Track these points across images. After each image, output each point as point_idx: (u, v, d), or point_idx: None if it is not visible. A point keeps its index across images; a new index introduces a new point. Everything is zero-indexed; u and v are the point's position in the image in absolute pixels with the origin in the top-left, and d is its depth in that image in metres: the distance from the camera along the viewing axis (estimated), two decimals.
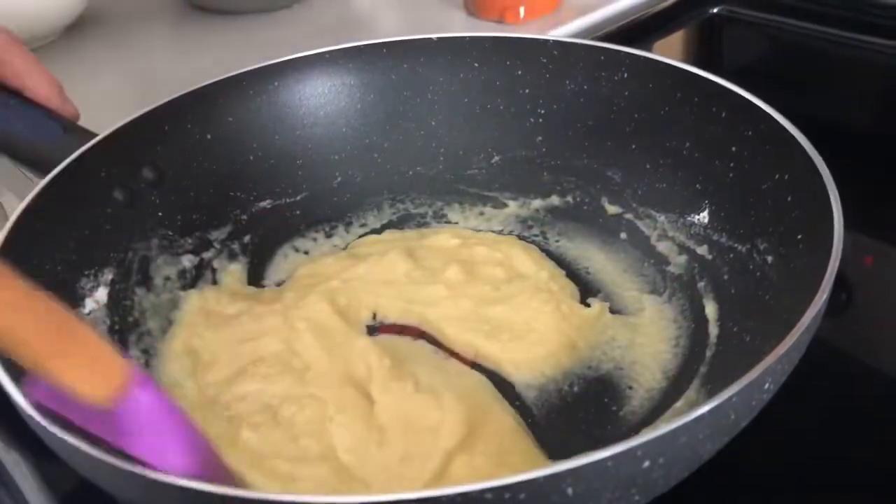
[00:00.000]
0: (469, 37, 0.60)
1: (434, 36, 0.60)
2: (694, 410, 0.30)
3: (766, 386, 0.33)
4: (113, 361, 0.29)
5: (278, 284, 0.56)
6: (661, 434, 0.29)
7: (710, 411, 0.30)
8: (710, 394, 0.39)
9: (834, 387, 0.47)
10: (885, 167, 0.65)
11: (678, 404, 0.44)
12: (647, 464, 0.30)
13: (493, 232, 0.60)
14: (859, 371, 0.49)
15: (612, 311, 0.52)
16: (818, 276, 0.37)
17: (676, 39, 0.84)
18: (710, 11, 0.86)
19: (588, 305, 0.53)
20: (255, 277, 0.57)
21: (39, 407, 0.30)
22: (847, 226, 0.39)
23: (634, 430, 0.44)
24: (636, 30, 0.82)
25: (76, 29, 0.86)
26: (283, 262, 0.58)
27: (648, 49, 0.81)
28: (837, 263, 0.36)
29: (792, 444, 0.44)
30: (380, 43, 0.60)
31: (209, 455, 0.33)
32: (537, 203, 0.60)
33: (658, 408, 0.45)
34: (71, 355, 0.28)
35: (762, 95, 0.49)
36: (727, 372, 0.44)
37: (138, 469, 0.29)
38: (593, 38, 0.79)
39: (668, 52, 0.84)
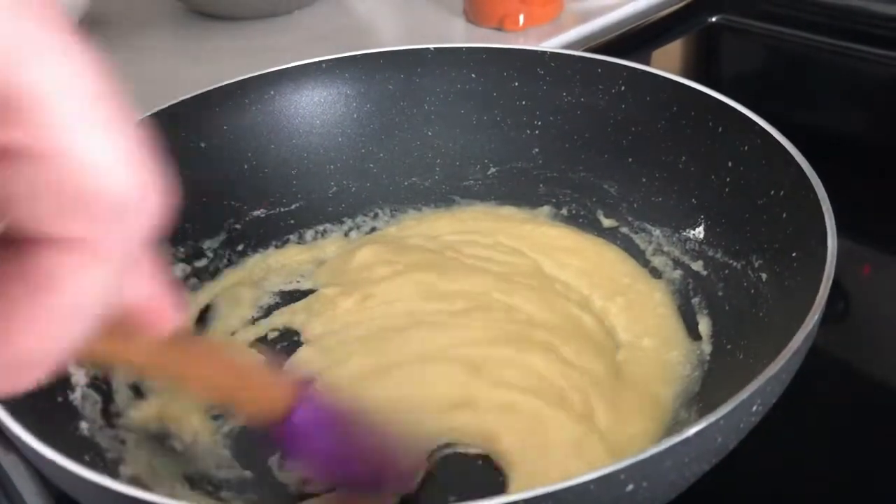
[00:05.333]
0: (466, 47, 0.60)
1: (431, 46, 0.60)
2: (679, 433, 0.30)
3: (755, 408, 0.33)
4: (278, 388, 0.34)
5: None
6: (644, 457, 0.29)
7: (695, 434, 0.30)
8: (701, 413, 0.38)
9: (833, 394, 0.47)
10: (885, 176, 0.64)
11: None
12: (630, 487, 0.30)
13: None
14: (858, 378, 0.49)
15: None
16: (810, 297, 0.36)
17: (675, 48, 0.84)
18: (709, 21, 0.86)
19: None
20: None
21: None
22: (846, 235, 0.39)
23: None
24: (635, 38, 0.82)
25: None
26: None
27: (647, 57, 0.81)
28: (829, 285, 0.36)
29: (791, 453, 0.44)
30: (376, 53, 0.60)
31: (366, 461, 0.37)
32: None
33: None
34: (247, 389, 0.33)
35: (759, 105, 0.49)
36: (719, 391, 0.44)
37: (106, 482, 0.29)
38: (592, 47, 0.79)
39: (667, 61, 0.83)
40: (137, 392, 0.47)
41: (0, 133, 0.17)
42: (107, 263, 0.19)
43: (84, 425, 0.42)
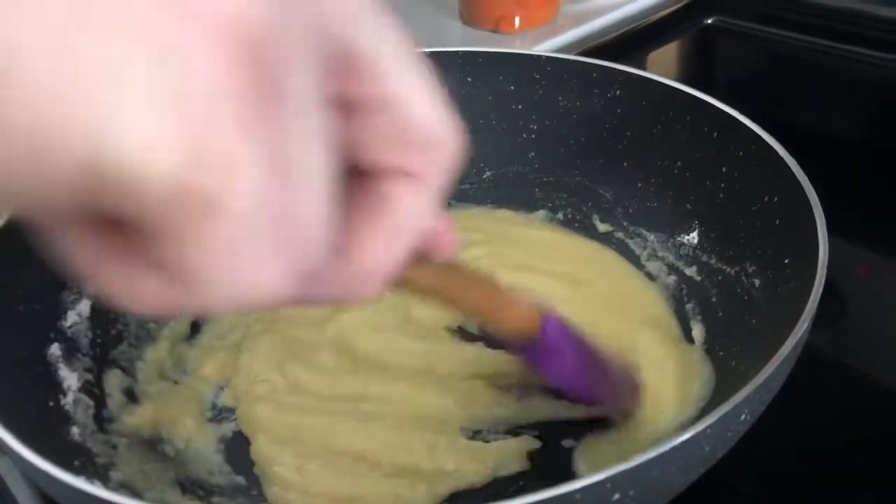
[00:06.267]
0: (462, 51, 0.60)
1: (426, 50, 0.60)
2: (666, 442, 0.30)
3: (743, 417, 0.33)
4: (527, 308, 0.37)
5: None
6: (631, 466, 0.29)
7: (682, 443, 0.30)
8: (693, 421, 0.38)
9: (827, 395, 0.47)
10: (880, 178, 0.64)
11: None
12: (616, 496, 0.30)
13: None
14: (853, 379, 0.49)
15: None
16: (800, 305, 0.36)
17: (671, 50, 0.84)
18: (705, 22, 0.86)
19: None
20: None
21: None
22: (841, 236, 0.39)
23: None
24: (631, 41, 0.82)
25: None
26: None
27: (643, 60, 0.81)
28: (819, 294, 0.36)
29: (785, 454, 0.44)
30: None
31: (602, 382, 0.42)
32: None
33: None
34: (501, 309, 0.36)
35: (754, 106, 0.49)
36: (711, 398, 0.44)
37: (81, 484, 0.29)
38: (588, 49, 0.79)
39: (663, 64, 0.83)
40: (131, 397, 0.47)
41: (345, 87, 0.21)
42: (430, 189, 0.23)
43: (75, 430, 0.42)
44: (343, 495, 0.41)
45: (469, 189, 0.62)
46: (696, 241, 0.52)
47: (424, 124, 0.23)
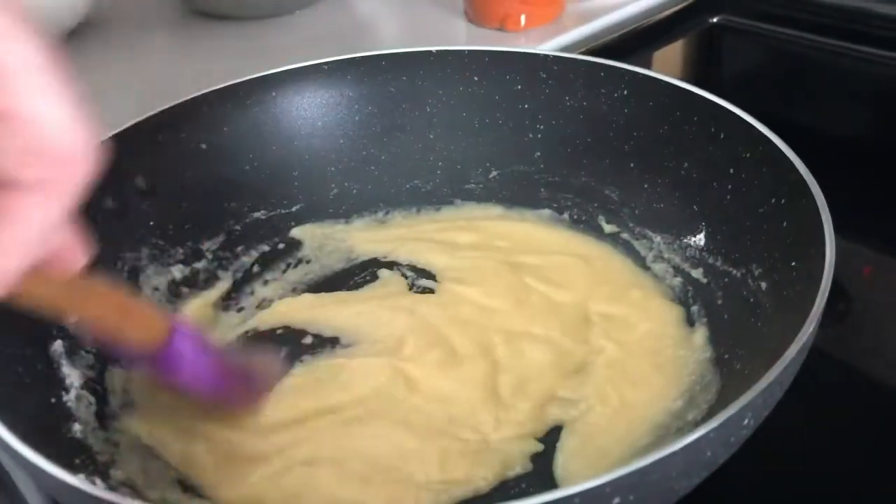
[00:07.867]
0: (468, 50, 0.60)
1: (433, 49, 0.60)
2: (667, 447, 0.30)
3: (746, 421, 0.33)
4: (157, 321, 0.39)
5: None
6: (631, 471, 0.29)
7: (683, 448, 0.30)
8: (697, 425, 0.38)
9: (833, 394, 0.47)
10: (886, 176, 0.64)
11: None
12: (616, 501, 0.29)
13: None
14: (858, 378, 0.49)
15: None
16: (806, 309, 0.36)
17: (676, 49, 0.84)
18: (710, 21, 0.86)
19: None
20: None
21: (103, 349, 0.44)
22: (848, 236, 0.39)
23: None
24: (636, 39, 0.82)
25: (78, 34, 0.86)
26: None
27: (648, 58, 0.81)
28: (825, 299, 0.36)
29: (790, 454, 0.43)
30: (378, 55, 0.60)
31: (232, 378, 0.43)
32: None
33: None
34: (130, 322, 0.38)
35: (760, 105, 0.49)
36: (716, 401, 0.43)
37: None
38: (593, 48, 0.78)
39: (668, 62, 0.83)
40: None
41: None
42: (56, 202, 0.25)
43: (77, 427, 0.42)
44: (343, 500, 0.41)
45: (474, 188, 0.61)
46: (702, 242, 0.52)
47: (51, 139, 0.24)
